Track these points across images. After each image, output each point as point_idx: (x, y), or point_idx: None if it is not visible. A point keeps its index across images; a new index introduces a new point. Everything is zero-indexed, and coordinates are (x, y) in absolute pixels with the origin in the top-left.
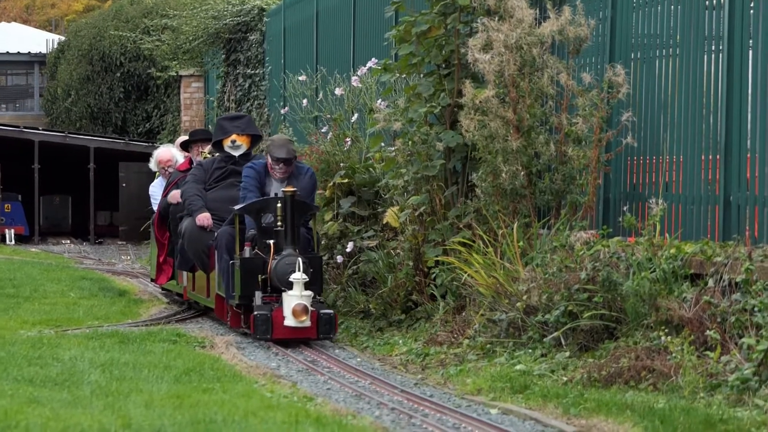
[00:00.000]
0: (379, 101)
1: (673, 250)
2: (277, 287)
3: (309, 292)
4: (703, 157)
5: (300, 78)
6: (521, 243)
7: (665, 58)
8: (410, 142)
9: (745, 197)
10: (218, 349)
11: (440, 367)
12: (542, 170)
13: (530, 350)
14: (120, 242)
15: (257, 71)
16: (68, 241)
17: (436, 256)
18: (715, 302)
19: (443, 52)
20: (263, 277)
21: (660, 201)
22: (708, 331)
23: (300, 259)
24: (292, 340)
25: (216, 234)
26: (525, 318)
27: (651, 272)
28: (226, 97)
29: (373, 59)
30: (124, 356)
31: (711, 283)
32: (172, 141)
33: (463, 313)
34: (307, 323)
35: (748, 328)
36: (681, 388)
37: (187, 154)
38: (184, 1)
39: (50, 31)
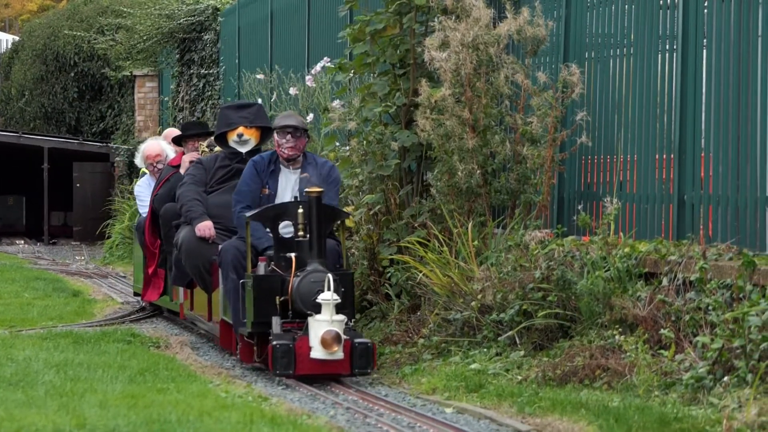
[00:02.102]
0: (334, 101)
1: (627, 249)
2: (300, 311)
3: (341, 317)
4: (657, 157)
5: (258, 76)
6: (476, 242)
7: (619, 57)
8: (365, 142)
9: (699, 196)
10: (173, 350)
11: (395, 366)
12: (498, 169)
13: (485, 349)
14: (74, 243)
15: (211, 71)
16: (22, 242)
17: (391, 256)
18: (670, 301)
19: (398, 51)
20: (282, 299)
21: (614, 200)
22: (662, 329)
23: (330, 275)
24: (321, 376)
25: (219, 248)
26: (480, 317)
27: (605, 271)
28: (180, 97)
29: (327, 58)
30: (79, 356)
31: (665, 281)
32: (125, 141)
33: (418, 313)
34: (340, 355)
35: (702, 326)
36: (635, 386)
37: (178, 148)
38: (139, 0)
39: (4, 31)
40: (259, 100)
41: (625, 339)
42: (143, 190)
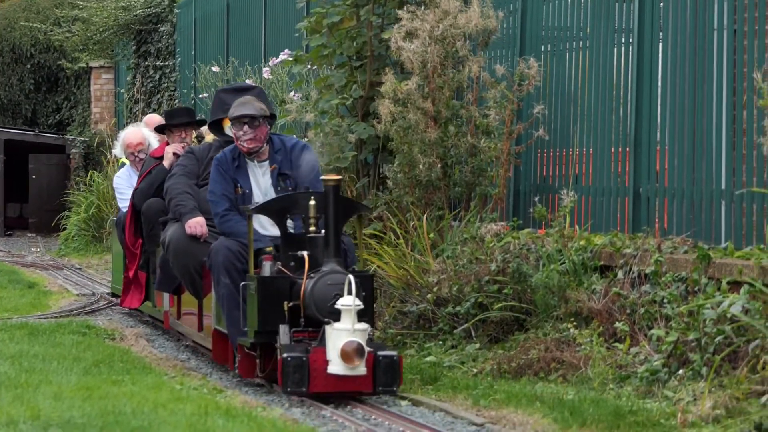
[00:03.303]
0: (291, 93)
1: (582, 242)
2: (314, 318)
3: (364, 325)
4: (613, 150)
5: (213, 69)
6: (432, 235)
7: (576, 50)
8: (322, 134)
9: (655, 189)
10: (128, 341)
11: None
12: (455, 162)
13: (440, 342)
14: (30, 234)
15: (168, 62)
16: None
17: None
18: (625, 294)
19: (355, 43)
20: (291, 304)
21: (570, 193)
22: (617, 322)
23: (351, 277)
24: (338, 394)
25: (210, 250)
26: (435, 310)
27: (561, 264)
28: (136, 88)
29: (287, 51)
30: (34, 348)
31: (620, 274)
32: (81, 133)
33: (374, 305)
34: (362, 370)
35: (657, 319)
36: (590, 379)
37: (162, 137)
38: None
39: None
40: (213, 92)
41: (580, 332)
42: (123, 182)
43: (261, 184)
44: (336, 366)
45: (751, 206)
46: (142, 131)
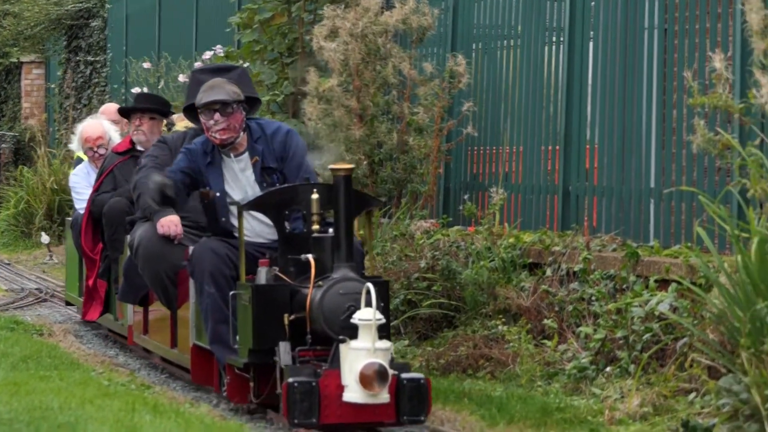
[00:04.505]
0: None
1: (512, 240)
2: (322, 335)
3: (387, 343)
4: (543, 148)
5: (144, 65)
6: (362, 232)
7: (507, 48)
8: None
9: (584, 187)
10: (56, 337)
11: None
12: (384, 159)
13: None
14: None
15: (99, 58)
16: None
17: None
18: (553, 291)
19: (286, 40)
20: (293, 317)
21: (500, 190)
22: (545, 320)
23: (371, 286)
24: (356, 425)
25: (191, 251)
26: None
27: (490, 261)
28: (67, 84)
29: (219, 46)
30: None
31: (549, 272)
32: (12, 128)
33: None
34: (385, 397)
35: (585, 317)
36: (518, 376)
37: (124, 120)
38: None
39: None
40: (146, 89)
41: (509, 329)
42: (80, 180)
43: (241, 181)
44: (353, 393)
45: (679, 205)
46: (103, 124)
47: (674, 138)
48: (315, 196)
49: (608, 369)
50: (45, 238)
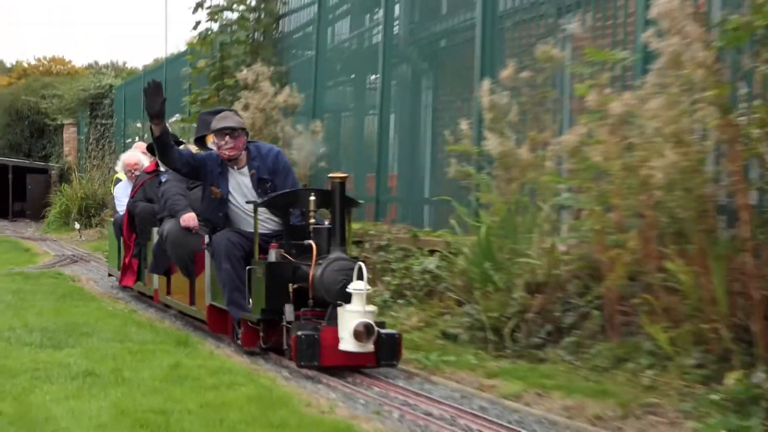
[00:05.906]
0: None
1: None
2: (321, 300)
3: (373, 308)
4: (366, 174)
5: (137, 125)
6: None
7: (345, 117)
8: None
9: (389, 197)
10: (83, 283)
11: None
12: None
13: None
14: (27, 221)
15: (108, 121)
16: None
17: None
18: (370, 257)
19: None
20: (296, 286)
21: None
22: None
23: (362, 264)
24: (345, 368)
25: (211, 240)
26: None
27: None
28: (90, 136)
29: (176, 115)
30: (26, 286)
31: (367, 246)
32: (57, 162)
33: None
34: (371, 347)
35: (387, 271)
36: None
37: (153, 157)
38: (65, 80)
39: None
40: (137, 139)
41: None
42: (121, 192)
43: (242, 187)
44: (348, 344)
45: (443, 207)
46: (138, 155)
47: (440, 169)
48: (312, 198)
49: (400, 301)
50: (77, 225)
